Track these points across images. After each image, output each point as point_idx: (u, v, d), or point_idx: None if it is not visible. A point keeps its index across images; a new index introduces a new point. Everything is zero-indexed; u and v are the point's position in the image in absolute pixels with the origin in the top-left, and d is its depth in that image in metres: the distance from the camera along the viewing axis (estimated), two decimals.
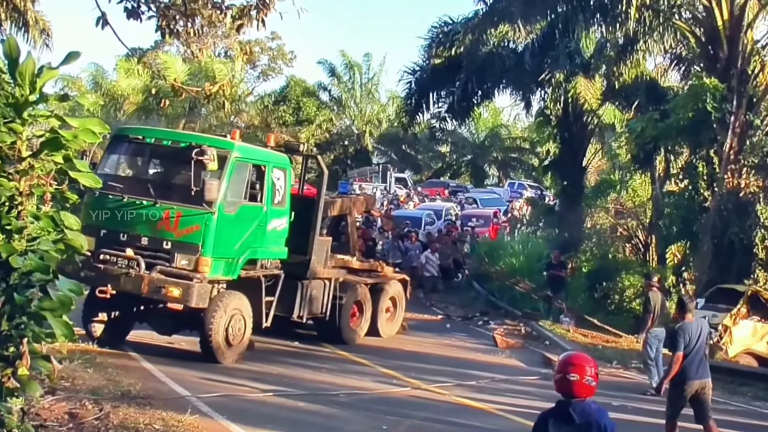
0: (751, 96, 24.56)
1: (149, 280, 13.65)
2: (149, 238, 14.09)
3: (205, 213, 13.89)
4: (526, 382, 16.72)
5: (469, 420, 12.86)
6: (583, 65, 27.33)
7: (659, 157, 29.10)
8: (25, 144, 5.41)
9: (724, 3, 24.27)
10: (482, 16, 27.92)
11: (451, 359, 18.20)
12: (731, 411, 15.31)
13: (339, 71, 60.80)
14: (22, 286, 5.34)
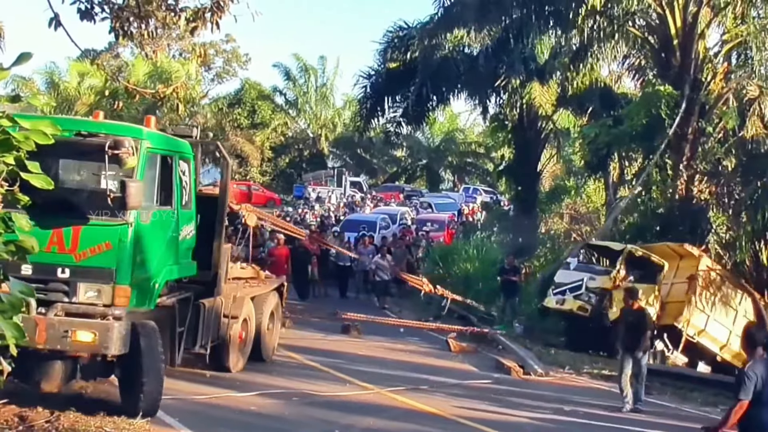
0: (704, 103, 25.04)
1: (46, 324, 9.88)
2: (34, 265, 9.63)
3: (117, 225, 10.27)
4: (478, 386, 16.84)
5: (421, 424, 12.97)
6: (538, 71, 27.62)
7: (613, 163, 29.53)
8: None
9: (678, 11, 24.73)
10: (437, 20, 28.11)
11: (404, 363, 18.27)
12: (682, 416, 15.61)
13: (294, 74, 60.88)
14: None
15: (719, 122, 25.42)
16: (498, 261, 27.01)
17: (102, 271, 10.25)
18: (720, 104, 25.20)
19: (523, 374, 18.60)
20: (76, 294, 10.22)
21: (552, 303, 22.07)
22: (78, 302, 10.23)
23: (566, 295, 21.56)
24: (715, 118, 25.53)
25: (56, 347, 10.06)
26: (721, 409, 16.63)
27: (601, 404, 16.00)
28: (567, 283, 21.80)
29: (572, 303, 21.27)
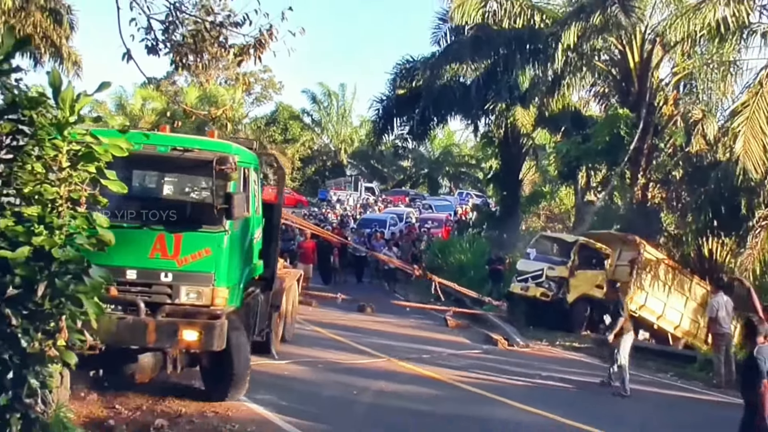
0: (657, 124, 24.99)
1: (155, 325, 9.22)
2: (138, 270, 9.29)
3: (216, 233, 9.51)
4: (471, 355, 16.85)
5: (424, 386, 12.98)
6: (521, 97, 27.50)
7: (581, 173, 29.41)
8: (65, 156, 5.46)
9: (635, 48, 24.66)
10: (438, 56, 28.07)
11: (409, 337, 18.30)
12: (642, 381, 15.57)
13: (319, 99, 60.98)
14: (61, 273, 5.38)
15: (670, 139, 25.31)
16: (486, 253, 26.95)
17: (202, 275, 9.49)
18: (670, 125, 25.08)
19: (508, 346, 18.58)
20: (179, 296, 9.40)
21: (517, 289, 21.69)
22: (180, 303, 9.39)
23: (529, 282, 21.26)
24: (666, 136, 25.43)
25: (165, 346, 9.43)
26: (671, 375, 16.65)
27: (572, 370, 16.00)
28: (529, 271, 21.46)
29: (535, 290, 20.98)
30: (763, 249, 18.48)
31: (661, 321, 21.14)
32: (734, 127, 18.99)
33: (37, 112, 5.40)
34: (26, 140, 5.40)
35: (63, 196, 5.46)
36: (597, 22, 23.03)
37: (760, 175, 18.87)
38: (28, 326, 5.30)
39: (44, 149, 5.37)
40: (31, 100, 5.35)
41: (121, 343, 9.00)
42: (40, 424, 5.44)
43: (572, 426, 11.03)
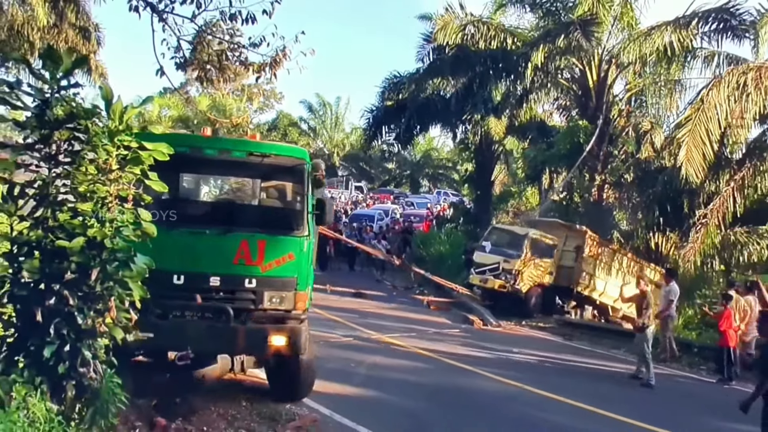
0: (611, 134, 25.19)
1: (245, 332, 8.15)
2: (222, 277, 8.15)
3: (298, 238, 8.45)
4: (450, 333, 17.00)
5: (410, 360, 13.13)
6: (494, 109, 27.60)
7: (545, 175, 29.66)
8: (115, 160, 5.58)
9: (594, 68, 24.84)
10: (422, 72, 28.10)
11: (397, 317, 18.41)
12: (598, 355, 15.84)
13: (315, 108, 60.96)
14: (111, 260, 5.50)
15: (622, 147, 25.56)
16: (462, 244, 27.07)
17: (286, 280, 8.41)
18: (623, 134, 25.34)
19: (483, 326, 18.78)
20: (262, 302, 8.32)
21: (476, 281, 21.47)
22: (264, 309, 8.31)
23: (487, 275, 21.00)
24: (619, 144, 25.65)
25: (255, 352, 8.60)
26: (623, 350, 16.91)
27: (538, 346, 16.23)
28: (487, 264, 21.13)
29: (493, 282, 20.76)
30: (702, 243, 18.75)
31: (603, 297, 21.55)
32: (678, 138, 19.19)
33: (92, 122, 5.51)
34: (82, 146, 5.51)
35: (113, 194, 5.57)
36: (561, 45, 23.18)
37: (699, 180, 19.12)
38: (82, 306, 5.41)
39: (97, 154, 5.48)
40: (87, 112, 5.45)
41: (211, 350, 8.35)
42: (91, 390, 5.56)
43: (537, 393, 11.25)
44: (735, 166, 20.43)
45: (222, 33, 8.97)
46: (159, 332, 7.15)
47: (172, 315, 7.90)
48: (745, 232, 19.20)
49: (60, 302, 5.31)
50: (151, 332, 6.99)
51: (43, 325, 5.20)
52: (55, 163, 5.46)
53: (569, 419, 10.04)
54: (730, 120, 19.21)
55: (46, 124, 5.39)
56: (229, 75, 9.49)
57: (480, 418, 9.72)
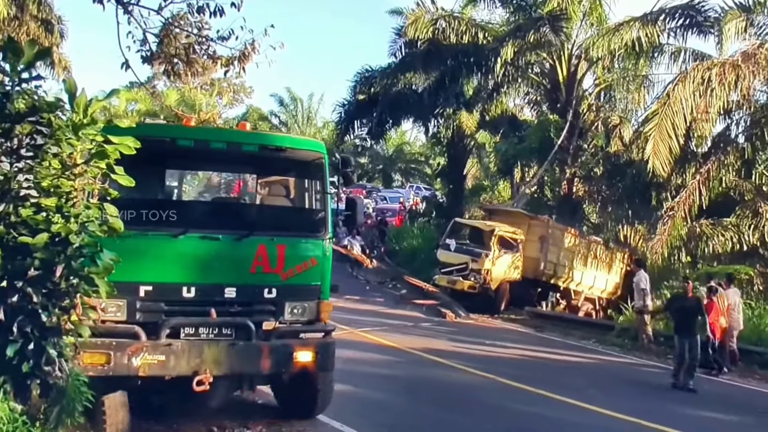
0: (581, 128, 25.38)
1: (270, 349, 7.14)
2: (239, 288, 7.10)
3: (320, 241, 7.50)
4: (423, 327, 17.08)
5: (384, 354, 13.15)
6: (465, 103, 27.66)
7: (517, 169, 29.80)
8: (80, 154, 5.46)
9: (564, 63, 25.01)
10: (394, 66, 28.03)
11: (371, 312, 18.42)
12: (569, 346, 15.99)
13: (286, 102, 60.58)
14: (77, 256, 5.38)
15: (592, 141, 25.78)
16: (435, 239, 27.15)
17: (308, 288, 7.45)
18: (592, 128, 25.55)
19: (455, 318, 18.86)
20: (283, 313, 7.33)
21: (443, 282, 21.06)
22: (286, 321, 7.38)
23: (455, 275, 20.67)
24: (589, 138, 25.87)
25: (281, 370, 7.41)
26: (593, 341, 17.09)
27: (509, 338, 16.33)
28: (453, 264, 20.83)
29: (462, 284, 20.42)
30: (669, 235, 19.00)
31: (568, 282, 21.91)
32: (646, 132, 19.40)
33: (55, 115, 5.38)
34: (45, 140, 5.37)
35: (78, 189, 5.46)
36: (531, 40, 23.31)
37: (666, 173, 19.37)
38: (46, 303, 5.28)
39: (61, 148, 5.35)
40: (50, 105, 5.32)
41: (232, 372, 7.14)
42: (56, 389, 5.45)
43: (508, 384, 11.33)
44: (700, 160, 20.72)
45: (189, 26, 8.81)
46: (172, 354, 6.69)
47: (184, 333, 6.93)
48: (710, 224, 19.50)
49: (23, 300, 5.18)
50: (162, 355, 6.64)
51: (5, 324, 5.08)
52: (17, 157, 5.31)
53: (540, 409, 10.13)
54: (696, 114, 19.47)
55: (7, 117, 5.24)
56: (197, 69, 9.34)
57: (453, 409, 9.76)
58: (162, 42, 8.94)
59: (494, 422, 9.20)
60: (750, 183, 20.10)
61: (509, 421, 9.41)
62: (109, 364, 6.53)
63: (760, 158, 20.95)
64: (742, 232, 19.08)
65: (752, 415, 11.07)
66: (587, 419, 9.78)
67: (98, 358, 6.53)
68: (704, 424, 9.97)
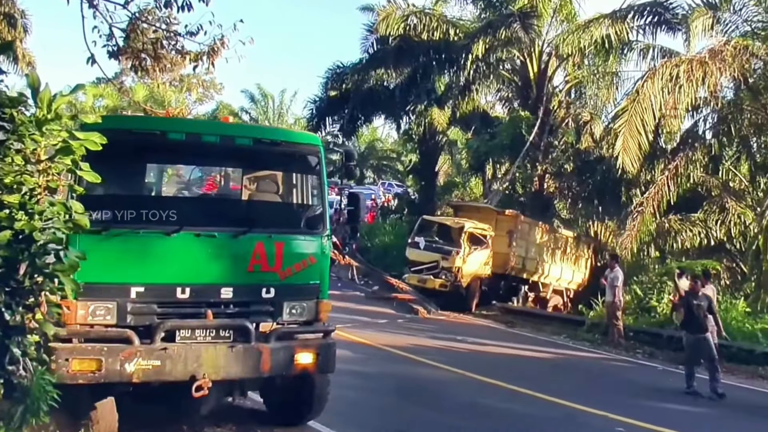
0: (552, 125, 25.66)
1: (270, 351, 6.83)
2: (235, 288, 6.84)
3: (318, 237, 7.25)
4: (396, 323, 17.13)
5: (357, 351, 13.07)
6: (437, 100, 27.80)
7: (489, 165, 30.00)
8: (44, 150, 5.38)
9: (534, 60, 25.25)
10: (365, 62, 28.06)
11: (343, 308, 18.29)
12: (540, 341, 16.15)
13: (257, 98, 60.22)
14: (41, 253, 5.31)
15: (563, 138, 26.08)
16: (407, 235, 27.16)
17: (307, 287, 7.19)
18: (563, 125, 25.86)
19: (427, 314, 18.94)
20: (281, 314, 7.07)
21: (414, 280, 21.03)
22: (284, 322, 7.11)
23: (425, 274, 20.66)
24: (560, 135, 26.17)
25: (281, 373, 7.11)
26: (564, 336, 17.29)
27: (481, 334, 16.45)
28: (423, 262, 20.80)
29: (433, 282, 20.44)
30: (639, 231, 19.32)
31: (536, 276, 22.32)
32: (616, 128, 19.68)
33: (17, 110, 5.30)
34: (7, 135, 5.29)
35: (42, 186, 5.38)
36: (502, 36, 23.48)
37: (635, 169, 19.67)
38: (10, 301, 5.21)
39: (24, 144, 5.28)
40: (12, 100, 5.24)
41: (232, 376, 6.79)
42: (21, 389, 5.37)
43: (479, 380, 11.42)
44: (669, 156, 21.12)
45: (157, 21, 8.74)
46: (167, 359, 6.37)
47: (180, 337, 6.58)
48: (678, 220, 19.89)
49: None
50: (157, 360, 6.31)
51: None
52: None
53: (512, 404, 10.24)
54: (665, 111, 19.85)
55: None
56: (166, 64, 9.27)
57: (425, 405, 9.80)
58: (129, 37, 8.86)
59: (466, 419, 9.27)
60: (717, 179, 20.53)
61: (481, 418, 9.49)
62: (101, 370, 6.21)
63: (726, 154, 21.40)
64: (710, 227, 19.50)
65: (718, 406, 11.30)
66: (557, 413, 9.91)
67: (88, 364, 6.24)
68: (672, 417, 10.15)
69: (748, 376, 13.81)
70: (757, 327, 15.69)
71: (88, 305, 6.29)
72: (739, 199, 19.71)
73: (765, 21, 19.03)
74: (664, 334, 16.48)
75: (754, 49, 18.69)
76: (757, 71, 19.32)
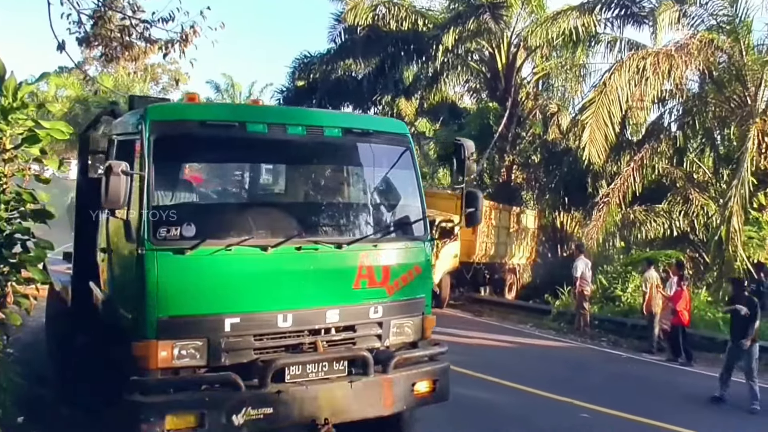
0: (519, 116, 25.91)
1: (391, 383, 5.92)
2: (341, 309, 5.82)
3: (422, 243, 6.47)
4: None
5: None
6: (405, 90, 27.86)
7: None
8: (9, 139, 5.40)
9: (503, 51, 25.44)
10: (333, 52, 28.00)
11: None
12: (506, 330, 16.41)
13: (223, 88, 59.65)
14: (7, 243, 5.35)
15: (530, 129, 26.32)
16: None
17: (413, 303, 6.30)
18: (531, 116, 26.13)
19: None
20: (388, 335, 6.13)
21: None
22: (390, 345, 6.17)
23: None
24: (527, 126, 26.41)
25: (401, 408, 6.13)
26: (530, 325, 17.58)
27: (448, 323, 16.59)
28: None
29: None
30: (604, 221, 19.70)
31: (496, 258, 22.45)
32: (583, 120, 19.98)
33: None
34: None
35: (8, 175, 5.41)
36: (471, 27, 23.63)
37: (602, 160, 20.03)
38: None
39: None
40: None
41: (354, 416, 5.79)
42: None
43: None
44: (635, 148, 21.52)
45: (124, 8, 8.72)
46: (281, 404, 5.36)
47: (290, 375, 5.57)
48: (643, 211, 20.29)
49: None
50: (269, 407, 5.32)
51: None
52: None
53: (479, 392, 10.40)
54: (631, 103, 20.26)
55: None
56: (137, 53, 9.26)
57: None
58: (96, 24, 8.82)
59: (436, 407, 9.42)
60: (681, 170, 20.98)
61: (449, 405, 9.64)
62: (203, 426, 5.08)
63: (691, 146, 21.87)
64: (674, 218, 19.94)
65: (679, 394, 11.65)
66: (523, 400, 10.16)
67: (186, 420, 5.08)
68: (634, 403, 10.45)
69: (708, 364, 14.21)
70: (718, 316, 16.15)
71: (172, 345, 5.14)
72: (702, 190, 20.17)
73: (730, 15, 19.42)
74: (628, 322, 16.93)
75: (719, 43, 19.15)
76: (721, 64, 19.78)
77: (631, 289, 18.39)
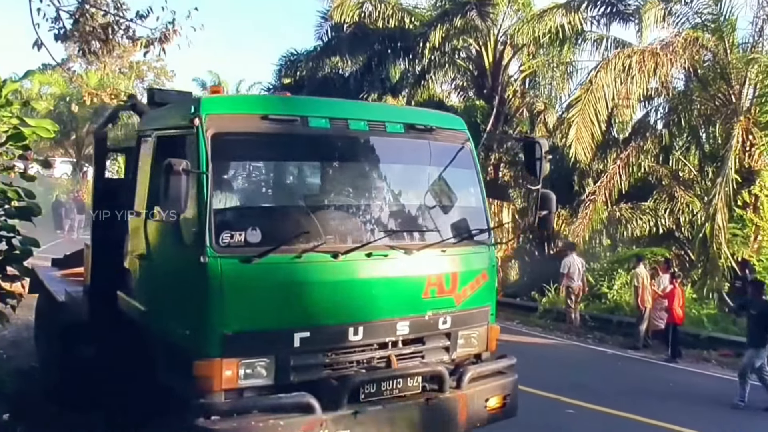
0: (507, 114, 26.01)
1: (467, 400, 5.69)
2: (411, 321, 5.54)
3: (489, 248, 6.28)
4: None
5: None
6: (392, 88, 27.83)
7: None
8: None
9: (490, 49, 25.51)
10: (320, 50, 28.00)
11: None
12: None
13: (209, 86, 59.48)
14: None
15: (517, 127, 26.40)
16: None
17: (479, 312, 6.06)
18: (518, 114, 26.25)
19: None
20: (456, 347, 5.89)
21: None
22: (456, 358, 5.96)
23: None
24: (515, 124, 26.53)
25: (475, 426, 5.89)
26: (517, 322, 17.70)
27: None
28: None
29: None
30: (591, 219, 19.87)
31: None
32: (569, 118, 20.14)
33: None
34: None
35: None
36: (458, 25, 23.71)
37: (588, 158, 20.21)
38: None
39: None
40: None
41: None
42: None
43: None
44: (621, 146, 21.70)
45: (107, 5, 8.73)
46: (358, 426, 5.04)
47: (364, 394, 5.24)
48: (629, 208, 20.47)
49: None
50: (346, 429, 5.01)
51: None
52: None
53: None
54: (617, 101, 20.42)
55: None
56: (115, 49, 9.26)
57: None
58: (77, 21, 8.82)
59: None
60: (667, 168, 21.18)
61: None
62: None
63: (676, 144, 22.05)
64: (659, 215, 20.11)
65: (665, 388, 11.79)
66: None
67: None
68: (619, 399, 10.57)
69: (693, 360, 14.39)
70: (703, 312, 16.36)
71: (237, 363, 4.79)
72: (687, 188, 20.37)
73: (714, 13, 19.61)
74: (614, 319, 17.09)
75: (704, 41, 19.33)
76: (706, 62, 19.96)
77: (618, 286, 18.55)
